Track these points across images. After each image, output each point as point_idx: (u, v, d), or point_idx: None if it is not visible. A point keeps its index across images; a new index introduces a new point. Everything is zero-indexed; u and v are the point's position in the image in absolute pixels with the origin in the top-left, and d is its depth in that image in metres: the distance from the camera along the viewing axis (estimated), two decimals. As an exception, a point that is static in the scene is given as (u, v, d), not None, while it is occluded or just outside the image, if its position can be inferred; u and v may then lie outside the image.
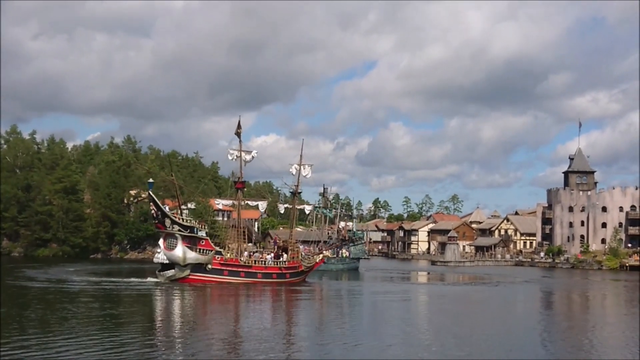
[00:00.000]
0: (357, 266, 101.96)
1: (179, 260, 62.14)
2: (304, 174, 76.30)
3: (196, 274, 62.87)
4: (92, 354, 26.60)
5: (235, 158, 69.82)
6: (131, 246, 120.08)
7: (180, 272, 62.32)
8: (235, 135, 70.70)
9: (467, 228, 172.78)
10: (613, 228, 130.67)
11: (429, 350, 29.90)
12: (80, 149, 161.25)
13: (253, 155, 71.52)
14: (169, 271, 62.53)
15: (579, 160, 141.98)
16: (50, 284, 57.90)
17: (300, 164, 75.96)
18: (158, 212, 62.55)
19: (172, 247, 62.25)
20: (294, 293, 58.06)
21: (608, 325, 42.51)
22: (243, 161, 70.14)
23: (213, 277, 63.53)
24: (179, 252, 62.12)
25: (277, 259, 69.80)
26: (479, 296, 60.74)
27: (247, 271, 65.84)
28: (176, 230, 62.45)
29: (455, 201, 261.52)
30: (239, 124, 70.99)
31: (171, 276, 62.22)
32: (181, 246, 62.20)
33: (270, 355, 27.43)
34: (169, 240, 62.60)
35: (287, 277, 68.67)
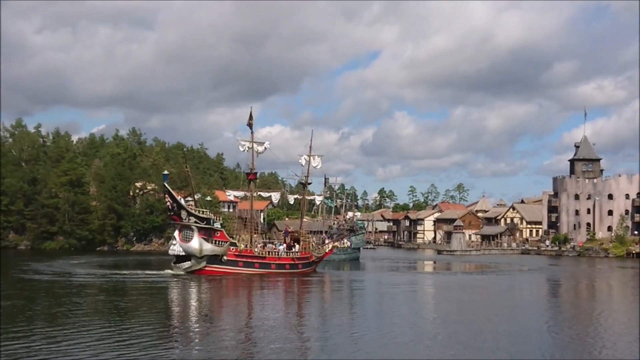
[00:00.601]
0: (358, 256, 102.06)
1: (195, 252, 62.06)
2: (314, 164, 76.40)
3: (212, 266, 62.85)
4: (115, 345, 26.75)
5: (247, 149, 69.81)
6: (137, 238, 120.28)
7: (196, 264, 62.25)
8: (247, 126, 70.92)
9: (473, 217, 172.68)
10: (619, 215, 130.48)
11: (435, 339, 29.87)
12: (85, 142, 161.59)
13: (266, 147, 71.57)
14: (186, 263, 62.42)
15: (585, 148, 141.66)
16: (65, 277, 57.80)
17: (310, 154, 76.04)
18: (174, 204, 62.32)
19: (188, 239, 62.12)
20: (307, 283, 58.26)
21: (614, 312, 42.48)
22: (255, 152, 70.04)
23: (228, 269, 63.54)
24: (195, 244, 62.05)
25: (289, 250, 69.73)
26: (485, 285, 60.68)
27: (261, 262, 65.93)
28: (192, 222, 62.32)
29: (460, 190, 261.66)
30: (251, 115, 71.19)
31: (188, 268, 62.13)
32: (197, 238, 62.12)
33: (285, 344, 27.44)
34: (185, 232, 62.42)
35: (300, 267, 68.85)
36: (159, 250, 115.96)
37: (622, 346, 28.68)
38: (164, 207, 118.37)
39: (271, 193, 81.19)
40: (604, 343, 29.27)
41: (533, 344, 28.36)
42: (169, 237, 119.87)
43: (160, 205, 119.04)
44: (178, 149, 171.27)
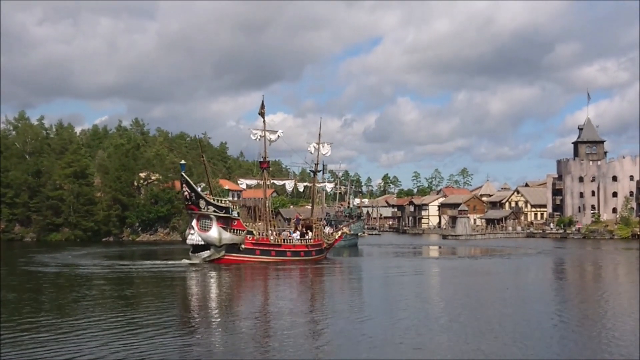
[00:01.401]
0: (357, 242, 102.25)
1: (215, 241, 62.06)
2: (324, 152, 76.89)
3: (230, 254, 62.98)
4: (143, 332, 27.07)
5: (259, 138, 69.69)
6: (142, 228, 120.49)
7: (216, 253, 62.28)
8: (259, 115, 70.82)
9: (477, 201, 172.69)
10: (624, 197, 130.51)
11: (439, 322, 29.96)
12: (88, 133, 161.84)
13: (279, 135, 71.43)
14: (205, 252, 62.38)
15: (588, 130, 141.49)
16: (85, 269, 57.50)
17: (319, 142, 76.39)
18: (192, 194, 62.13)
19: (206, 228, 62.08)
20: (320, 270, 58.79)
21: (620, 294, 42.53)
22: (268, 141, 70.02)
23: (246, 257, 63.74)
24: (214, 233, 62.02)
25: (302, 237, 70.23)
26: (491, 269, 60.73)
27: (278, 250, 66.43)
28: (211, 211, 62.22)
29: (464, 175, 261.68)
30: (263, 104, 70.99)
31: (207, 257, 62.13)
32: (216, 227, 62.08)
33: (298, 330, 27.56)
34: (203, 221, 62.28)
35: (313, 254, 69.46)
36: (164, 240, 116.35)
37: (627, 328, 28.71)
38: (168, 197, 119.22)
39: (285, 181, 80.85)
40: (609, 324, 29.27)
41: (538, 326, 28.41)
42: (174, 227, 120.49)
43: (165, 195, 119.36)
44: (181, 138, 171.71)
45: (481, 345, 24.41)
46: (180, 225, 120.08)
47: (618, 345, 24.75)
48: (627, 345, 24.58)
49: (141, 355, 22.70)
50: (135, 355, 22.68)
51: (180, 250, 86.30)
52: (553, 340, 25.37)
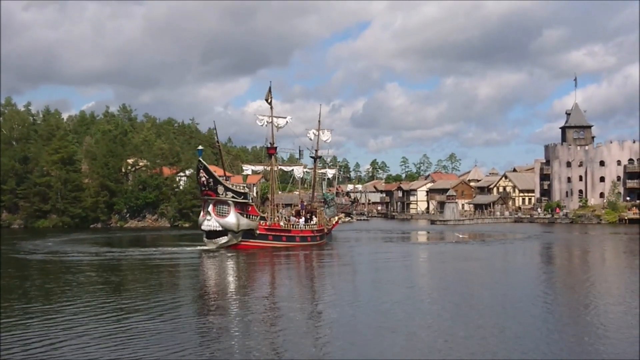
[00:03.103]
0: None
1: (233, 226, 62.01)
2: (324, 138, 77.66)
3: (246, 240, 63.13)
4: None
5: (266, 124, 69.92)
6: (130, 215, 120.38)
7: (233, 239, 62.34)
8: (265, 101, 70.96)
9: (465, 186, 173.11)
10: (611, 182, 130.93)
11: (424, 308, 30.04)
12: (75, 119, 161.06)
13: (288, 121, 71.92)
14: (222, 238, 62.31)
15: (576, 115, 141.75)
16: (92, 256, 57.34)
17: (319, 128, 76.73)
18: (209, 180, 61.69)
19: (224, 214, 61.93)
20: (324, 254, 60.16)
21: (610, 276, 42.75)
22: (276, 127, 70.21)
23: (260, 242, 64.05)
24: (233, 219, 61.96)
25: (307, 223, 71.37)
26: (479, 254, 60.85)
27: (288, 235, 67.16)
28: (230, 197, 62.06)
29: (453, 160, 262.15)
30: (270, 90, 71.12)
31: (225, 243, 62.15)
32: (234, 213, 62.04)
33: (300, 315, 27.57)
34: (219, 207, 62.05)
35: (318, 239, 70.91)
36: (152, 227, 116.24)
37: (615, 309, 28.84)
38: (156, 183, 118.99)
39: (293, 167, 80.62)
40: (598, 308, 29.39)
41: (525, 309, 28.51)
42: (162, 213, 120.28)
43: (153, 181, 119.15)
44: (169, 124, 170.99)
45: (472, 332, 24.44)
46: (168, 211, 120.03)
47: (606, 327, 24.88)
48: (614, 328, 24.69)
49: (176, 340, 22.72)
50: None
51: (171, 236, 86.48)
52: (542, 327, 25.44)
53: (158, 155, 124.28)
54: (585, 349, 21.65)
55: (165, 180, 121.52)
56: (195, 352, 21.33)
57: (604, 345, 22.18)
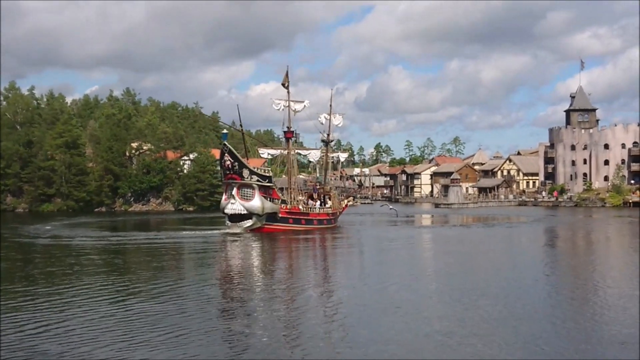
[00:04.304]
0: None
1: (258, 210, 62.10)
2: (336, 122, 77.88)
3: (269, 223, 63.39)
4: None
5: (283, 108, 69.91)
6: (135, 199, 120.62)
7: (258, 222, 62.51)
8: (283, 85, 70.93)
9: (469, 170, 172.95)
10: (615, 165, 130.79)
11: (428, 288, 30.08)
12: (79, 103, 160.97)
13: (305, 105, 72.12)
14: (247, 221, 62.29)
15: (580, 98, 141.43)
16: (126, 239, 57.68)
17: (330, 112, 76.90)
18: (234, 163, 61.56)
19: (248, 198, 61.98)
20: (338, 237, 60.58)
21: (613, 259, 42.75)
22: (293, 111, 70.38)
23: (282, 226, 64.42)
24: (257, 202, 62.07)
25: (322, 206, 72.63)
26: (484, 237, 60.88)
27: (306, 219, 67.97)
28: (255, 180, 62.11)
29: (457, 143, 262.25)
30: (287, 74, 71.07)
31: (250, 226, 62.19)
32: (259, 196, 62.20)
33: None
34: (243, 190, 62.08)
35: (332, 222, 72.47)
36: (157, 210, 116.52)
37: (617, 293, 28.85)
38: (160, 167, 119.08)
39: (310, 151, 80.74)
40: (601, 291, 29.39)
41: (529, 295, 28.51)
42: (166, 197, 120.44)
43: (157, 165, 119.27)
44: (173, 108, 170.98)
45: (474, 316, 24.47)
46: (172, 195, 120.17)
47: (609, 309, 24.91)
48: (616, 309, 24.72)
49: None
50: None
51: (177, 220, 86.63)
52: (544, 308, 25.46)
53: (162, 139, 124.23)
54: (586, 331, 21.63)
55: (169, 164, 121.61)
56: (210, 334, 21.35)
57: (606, 327, 22.17)
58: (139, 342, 20.11)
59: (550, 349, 19.24)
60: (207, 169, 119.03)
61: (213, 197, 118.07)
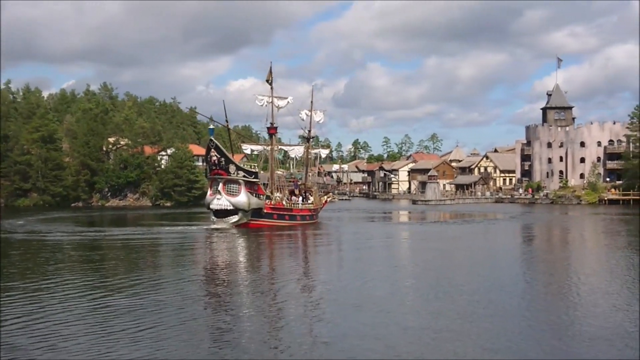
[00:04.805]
0: None
1: (245, 205, 62.13)
2: (317, 119, 78.18)
3: (254, 219, 63.47)
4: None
5: (266, 104, 70.07)
6: (112, 194, 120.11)
7: (244, 218, 62.57)
8: (267, 82, 71.04)
9: (447, 167, 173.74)
10: (591, 163, 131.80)
11: (404, 284, 30.25)
12: (56, 98, 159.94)
13: (289, 101, 72.27)
14: (233, 216, 62.29)
15: (557, 96, 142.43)
16: (98, 235, 57.27)
17: (312, 109, 77.15)
18: (221, 159, 61.53)
19: (234, 193, 61.95)
20: (319, 234, 60.44)
21: (588, 255, 43.14)
22: (276, 107, 70.53)
23: (266, 221, 64.55)
24: (244, 198, 62.08)
25: (305, 202, 73.19)
26: (460, 233, 61.22)
27: (290, 214, 68.37)
28: (241, 176, 62.11)
29: (434, 140, 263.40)
30: (270, 70, 71.29)
31: (236, 221, 62.17)
32: (245, 192, 62.18)
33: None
34: (229, 186, 62.05)
35: (315, 218, 73.11)
36: (134, 205, 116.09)
37: (590, 288, 29.16)
38: (137, 162, 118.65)
39: (293, 147, 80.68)
40: (574, 289, 29.70)
41: (505, 286, 28.78)
42: (143, 192, 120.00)
43: (134, 160, 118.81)
44: (150, 103, 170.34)
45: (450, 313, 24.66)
46: (149, 190, 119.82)
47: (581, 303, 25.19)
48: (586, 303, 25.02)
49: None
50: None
51: (155, 215, 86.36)
52: (518, 304, 25.71)
53: (139, 134, 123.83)
54: (557, 327, 21.86)
55: (146, 159, 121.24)
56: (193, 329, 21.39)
57: (577, 323, 22.42)
58: (114, 337, 20.11)
59: (521, 345, 19.46)
60: (185, 165, 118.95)
61: (190, 192, 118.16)
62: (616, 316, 23.13)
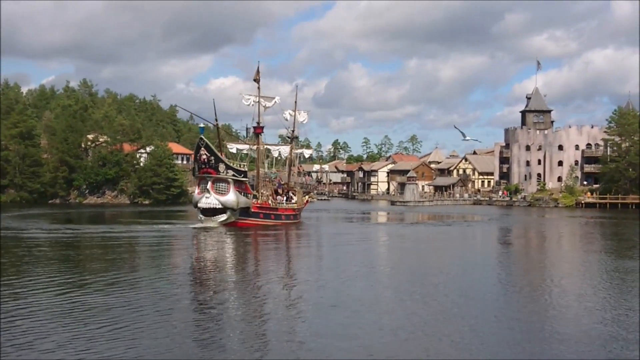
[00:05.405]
0: None
1: (233, 204, 62.08)
2: (301, 119, 78.58)
3: (241, 218, 63.52)
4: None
5: (253, 103, 70.11)
6: (90, 191, 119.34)
7: (232, 216, 62.49)
8: (254, 81, 71.18)
9: (426, 168, 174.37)
10: (569, 166, 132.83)
11: (381, 285, 30.39)
12: (35, 94, 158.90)
13: (276, 101, 72.68)
14: (222, 215, 62.22)
15: (536, 100, 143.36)
16: (75, 232, 56.78)
17: (295, 109, 77.32)
18: (211, 157, 61.47)
19: (223, 192, 61.91)
20: (302, 233, 60.88)
21: (564, 258, 43.48)
22: (263, 107, 70.63)
23: (253, 220, 64.65)
24: (232, 197, 62.03)
25: (288, 201, 73.88)
26: (438, 235, 61.48)
27: (275, 213, 68.70)
28: (230, 175, 62.07)
29: (414, 142, 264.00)
30: (258, 70, 71.60)
31: (224, 220, 62.10)
32: (234, 191, 62.12)
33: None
34: (218, 184, 61.98)
35: (298, 218, 73.67)
36: (112, 203, 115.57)
37: (565, 289, 29.43)
38: (116, 159, 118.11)
39: (280, 147, 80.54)
40: (547, 291, 29.96)
41: (482, 287, 28.99)
42: (122, 189, 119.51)
43: (113, 157, 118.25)
44: (130, 100, 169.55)
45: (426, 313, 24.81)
46: (128, 188, 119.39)
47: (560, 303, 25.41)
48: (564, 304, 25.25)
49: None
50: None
51: (133, 213, 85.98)
52: (494, 304, 25.92)
53: (119, 132, 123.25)
54: (530, 328, 22.06)
55: (125, 156, 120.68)
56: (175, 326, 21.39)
57: (549, 324, 22.64)
58: (88, 334, 20.08)
59: (494, 346, 19.65)
60: (164, 163, 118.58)
61: (169, 190, 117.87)
62: (589, 318, 23.39)
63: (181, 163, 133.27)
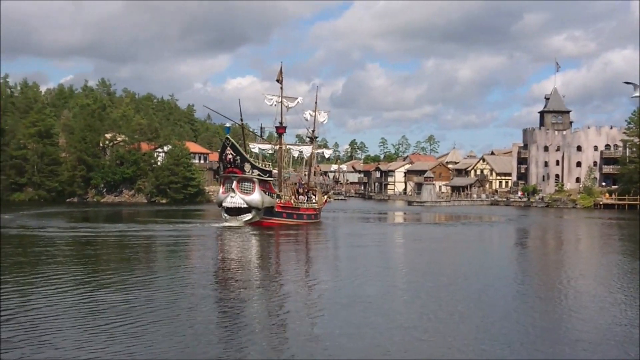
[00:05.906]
0: None
1: (259, 204, 62.28)
2: (321, 119, 78.83)
3: (266, 217, 63.75)
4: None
5: (275, 104, 70.16)
6: (107, 190, 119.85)
7: (257, 216, 62.71)
8: (277, 82, 71.26)
9: (443, 168, 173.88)
10: (587, 167, 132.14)
11: (398, 285, 30.29)
12: (53, 93, 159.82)
13: (299, 102, 72.72)
14: (247, 215, 62.43)
15: (555, 100, 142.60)
16: (142, 232, 56.86)
17: (316, 109, 77.96)
18: (236, 157, 61.59)
19: (248, 192, 62.08)
20: (321, 233, 61.02)
21: (580, 259, 43.21)
22: (285, 107, 70.67)
23: (277, 220, 64.91)
24: (257, 196, 62.20)
25: (309, 201, 73.92)
26: (455, 235, 61.24)
27: (297, 213, 68.91)
28: (255, 174, 62.27)
29: (431, 142, 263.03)
30: (281, 70, 71.46)
31: (249, 219, 62.35)
32: (259, 190, 62.33)
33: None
34: (243, 184, 62.18)
35: (319, 217, 74.45)
36: (129, 202, 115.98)
37: (585, 291, 29.21)
38: (134, 158, 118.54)
39: (302, 147, 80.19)
40: (564, 291, 29.75)
41: (498, 293, 28.81)
42: (139, 188, 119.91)
43: (131, 156, 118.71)
44: (148, 99, 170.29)
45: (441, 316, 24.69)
46: (145, 187, 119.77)
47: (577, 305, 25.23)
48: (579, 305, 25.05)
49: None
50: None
51: (151, 212, 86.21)
52: (511, 307, 25.75)
53: (136, 131, 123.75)
54: (546, 329, 21.91)
55: (143, 155, 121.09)
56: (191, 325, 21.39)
57: (564, 325, 22.48)
58: (107, 333, 20.09)
59: (508, 348, 19.49)
60: (181, 162, 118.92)
61: (186, 189, 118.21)
62: (605, 319, 23.19)
63: (198, 162, 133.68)
